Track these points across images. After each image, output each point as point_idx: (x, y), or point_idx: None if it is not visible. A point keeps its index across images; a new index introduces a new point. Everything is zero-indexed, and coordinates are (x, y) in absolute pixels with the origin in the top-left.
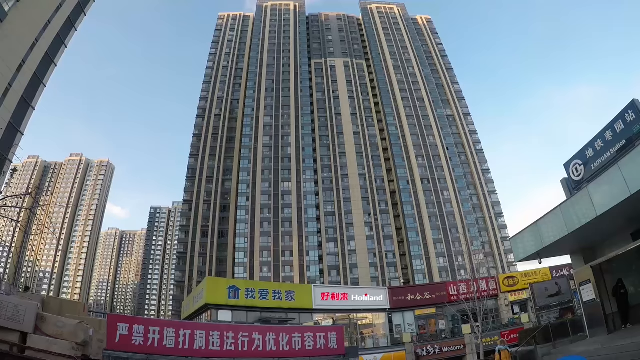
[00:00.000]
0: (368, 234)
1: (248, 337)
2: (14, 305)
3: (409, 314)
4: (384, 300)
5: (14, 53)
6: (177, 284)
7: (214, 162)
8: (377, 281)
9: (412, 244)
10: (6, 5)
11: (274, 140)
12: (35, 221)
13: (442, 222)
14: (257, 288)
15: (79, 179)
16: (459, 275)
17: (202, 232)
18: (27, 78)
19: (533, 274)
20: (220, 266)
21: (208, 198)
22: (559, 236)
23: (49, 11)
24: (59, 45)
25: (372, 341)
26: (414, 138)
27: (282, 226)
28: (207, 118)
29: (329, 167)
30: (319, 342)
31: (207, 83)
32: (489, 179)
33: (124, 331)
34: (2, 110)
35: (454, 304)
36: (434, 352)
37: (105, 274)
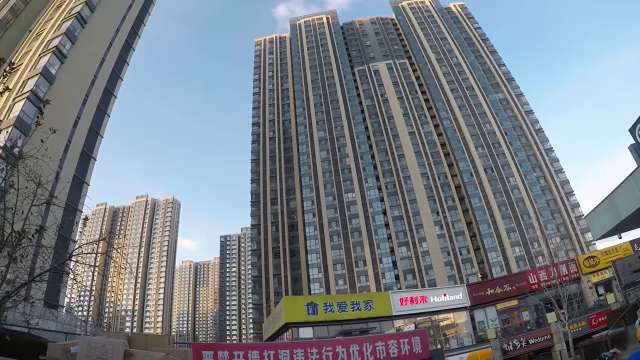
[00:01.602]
0: (439, 233)
1: (332, 351)
2: (102, 345)
3: (491, 309)
4: (463, 298)
5: (68, 110)
6: (256, 307)
7: (275, 184)
8: (454, 280)
9: (485, 237)
10: (52, 68)
11: (331, 153)
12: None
13: (512, 210)
14: (334, 301)
15: (147, 219)
16: (536, 262)
17: (273, 253)
18: (84, 132)
19: (614, 251)
20: (295, 284)
21: (275, 219)
22: (636, 206)
23: (93, 66)
24: (109, 96)
25: (456, 341)
26: (470, 128)
27: (352, 237)
28: (262, 142)
29: (390, 172)
30: (403, 349)
31: (256, 109)
32: (553, 157)
33: (209, 359)
34: (66, 165)
35: (535, 293)
36: (520, 345)
37: (185, 305)
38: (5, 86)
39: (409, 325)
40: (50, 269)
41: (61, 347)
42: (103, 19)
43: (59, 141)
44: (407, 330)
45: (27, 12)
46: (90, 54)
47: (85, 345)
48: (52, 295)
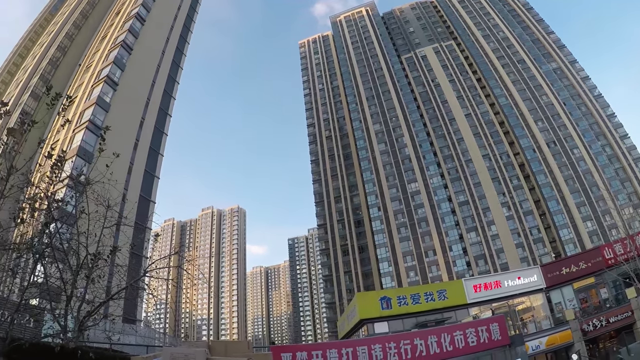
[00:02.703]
0: (507, 215)
1: (410, 344)
2: (184, 355)
3: (567, 289)
4: (538, 280)
5: (127, 134)
6: (329, 306)
7: (337, 182)
8: (527, 261)
9: (555, 214)
10: (106, 97)
11: (389, 145)
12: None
13: (580, 183)
14: (407, 294)
15: (215, 229)
16: (610, 236)
17: (342, 251)
18: (145, 152)
19: None
20: (366, 280)
21: (341, 217)
22: None
23: (145, 90)
24: (164, 116)
25: (534, 325)
26: (527, 103)
27: (419, 227)
28: (319, 142)
29: (450, 157)
30: (481, 336)
31: (309, 110)
32: (616, 123)
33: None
34: (131, 186)
35: (612, 268)
36: (600, 325)
37: (258, 310)
38: (65, 119)
39: (485, 313)
40: (127, 286)
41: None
42: (148, 43)
43: (122, 164)
44: (484, 317)
45: (74, 48)
46: (141, 79)
47: (168, 356)
48: (130, 310)
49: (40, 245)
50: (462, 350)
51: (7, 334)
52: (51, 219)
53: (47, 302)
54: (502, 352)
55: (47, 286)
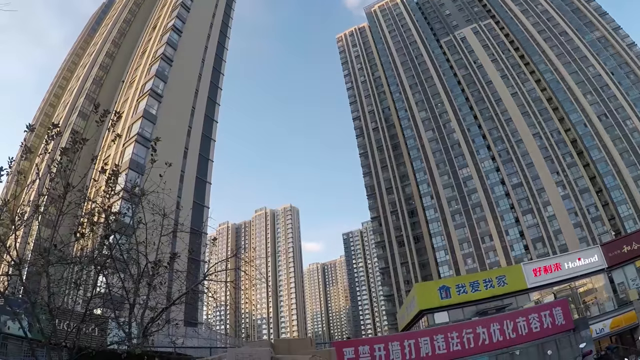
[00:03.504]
0: (562, 194)
1: (472, 332)
2: (249, 354)
3: (630, 268)
4: (599, 260)
5: (176, 143)
6: (387, 298)
7: (387, 173)
8: (586, 241)
9: (612, 190)
10: (152, 109)
11: (437, 131)
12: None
13: (635, 155)
14: (466, 282)
15: (269, 229)
16: None
17: (397, 242)
18: (195, 160)
19: None
20: (424, 270)
21: (394, 209)
22: None
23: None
24: (210, 123)
25: (597, 308)
26: (574, 76)
27: (474, 213)
28: (366, 135)
29: (500, 139)
30: (545, 321)
31: (353, 103)
32: None
33: (350, 355)
34: (184, 193)
35: None
36: None
37: (317, 306)
38: (115, 134)
39: (546, 297)
40: (188, 291)
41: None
42: (187, 54)
43: (173, 173)
44: (546, 302)
45: (116, 66)
46: (184, 88)
47: (233, 357)
48: (191, 314)
49: (101, 257)
50: (525, 336)
51: (74, 344)
52: (110, 231)
53: (111, 311)
54: (566, 337)
55: (110, 296)
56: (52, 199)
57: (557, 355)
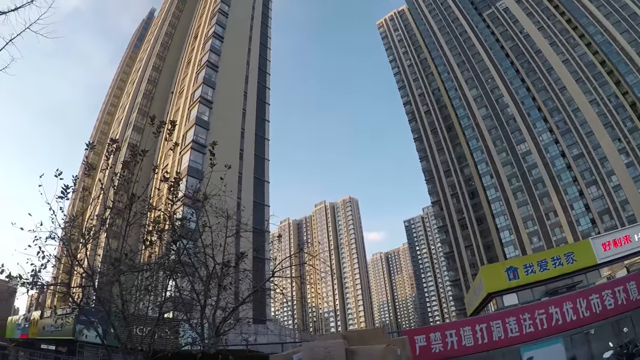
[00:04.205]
0: (626, 162)
1: (545, 313)
2: (324, 347)
3: None
4: None
5: (231, 146)
6: (453, 283)
7: (444, 155)
8: None
9: None
10: (204, 116)
11: (490, 108)
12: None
13: None
14: (534, 261)
15: (330, 222)
16: None
17: (460, 225)
18: (251, 160)
19: None
20: (489, 252)
21: (454, 191)
22: None
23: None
24: (262, 123)
25: None
26: (626, 35)
27: (536, 189)
28: (418, 119)
29: (556, 109)
30: (619, 298)
31: (402, 88)
32: None
33: (421, 342)
34: (244, 194)
35: None
36: None
37: (383, 296)
38: (173, 143)
39: (618, 272)
40: (257, 289)
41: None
42: (231, 58)
43: (232, 175)
44: (619, 276)
45: (163, 78)
46: (233, 92)
47: (308, 351)
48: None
49: (170, 263)
50: (600, 314)
51: (149, 347)
52: (177, 237)
53: (183, 314)
54: None
55: (182, 299)
56: (117, 211)
57: (632, 332)
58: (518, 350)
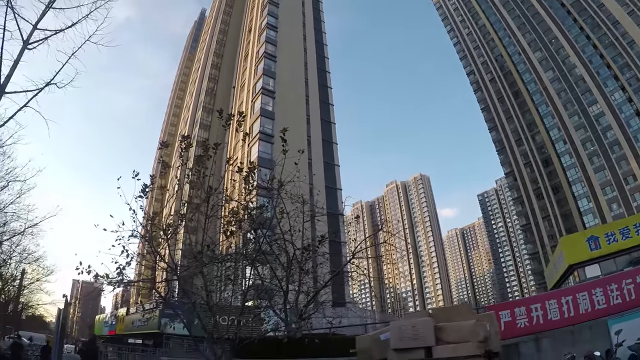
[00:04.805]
0: None
1: (632, 283)
2: (412, 325)
3: None
4: None
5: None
6: (532, 257)
7: (513, 123)
8: None
9: None
10: (268, 106)
11: (557, 70)
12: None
13: None
14: (615, 229)
15: (403, 201)
16: None
17: (535, 195)
18: (319, 145)
19: None
20: (567, 222)
21: (526, 160)
22: None
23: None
24: (326, 107)
25: None
26: None
27: (612, 152)
28: (484, 88)
29: (626, 65)
30: None
31: (463, 58)
32: None
33: (506, 318)
34: (315, 180)
35: None
36: None
37: (460, 273)
38: (244, 133)
39: None
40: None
41: (369, 337)
42: (287, 46)
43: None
44: None
45: (223, 75)
46: (294, 79)
47: (396, 330)
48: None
49: (251, 252)
50: None
51: (235, 335)
52: (257, 225)
53: (266, 301)
54: None
55: (264, 286)
56: (195, 205)
57: None
58: (605, 323)
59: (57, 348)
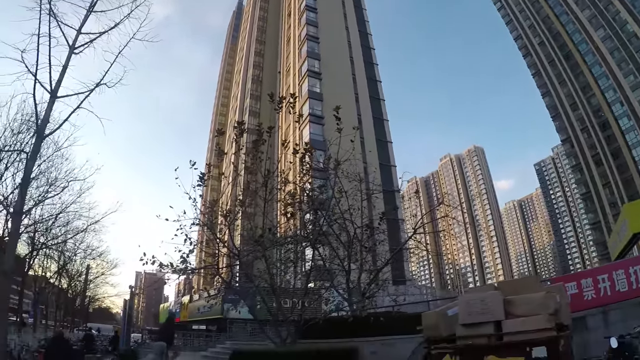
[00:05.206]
0: None
1: None
2: (480, 299)
3: None
4: None
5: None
6: (593, 227)
7: (566, 87)
8: None
9: None
10: (315, 88)
11: (608, 27)
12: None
13: None
14: None
15: (458, 175)
16: None
17: (594, 162)
18: (370, 123)
19: None
20: (629, 189)
21: (583, 125)
22: None
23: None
24: (374, 84)
25: None
26: None
27: None
28: (533, 52)
29: None
30: None
31: (509, 23)
32: None
33: (573, 290)
34: (369, 158)
35: None
36: None
37: (519, 246)
38: (298, 115)
39: None
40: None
41: (436, 313)
42: (329, 27)
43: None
44: None
45: (267, 62)
46: (338, 59)
47: (464, 304)
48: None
49: (312, 232)
50: None
51: (300, 317)
52: (318, 205)
53: (329, 281)
54: None
55: (326, 267)
56: (254, 190)
57: None
58: None
59: (125, 336)
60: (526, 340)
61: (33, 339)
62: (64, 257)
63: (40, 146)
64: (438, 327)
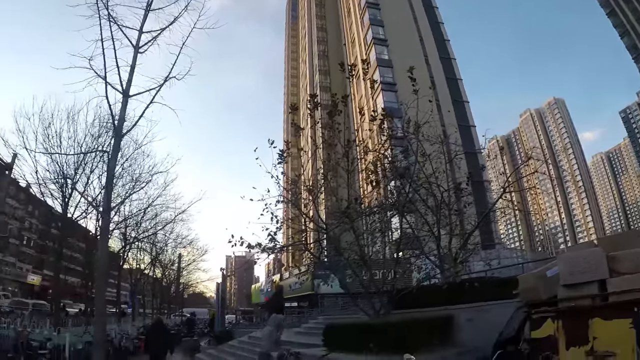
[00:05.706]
0: None
1: None
2: (583, 257)
3: None
4: None
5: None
6: None
7: None
8: None
9: None
10: (383, 55)
11: None
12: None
13: None
14: None
15: (540, 130)
16: None
17: None
18: (443, 85)
19: None
20: None
21: None
22: None
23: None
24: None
25: None
26: None
27: None
28: None
29: None
30: None
31: None
32: None
33: None
34: (447, 119)
35: None
36: None
37: (610, 201)
38: (371, 80)
39: None
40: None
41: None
42: None
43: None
44: None
45: (331, 36)
46: (402, 23)
47: (565, 263)
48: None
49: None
50: None
51: (392, 287)
52: (402, 172)
53: (419, 249)
54: None
55: (415, 234)
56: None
57: None
58: None
59: (220, 318)
60: (633, 300)
61: (132, 328)
62: (155, 249)
63: (119, 145)
64: (537, 289)
